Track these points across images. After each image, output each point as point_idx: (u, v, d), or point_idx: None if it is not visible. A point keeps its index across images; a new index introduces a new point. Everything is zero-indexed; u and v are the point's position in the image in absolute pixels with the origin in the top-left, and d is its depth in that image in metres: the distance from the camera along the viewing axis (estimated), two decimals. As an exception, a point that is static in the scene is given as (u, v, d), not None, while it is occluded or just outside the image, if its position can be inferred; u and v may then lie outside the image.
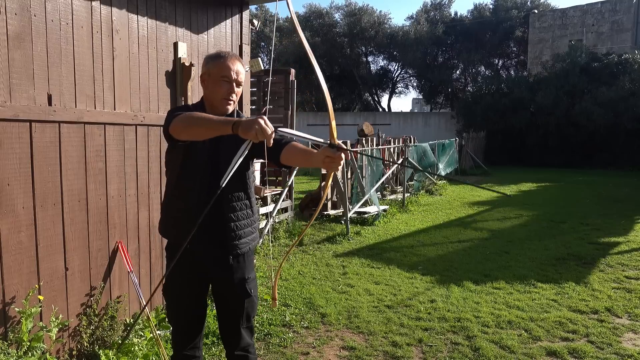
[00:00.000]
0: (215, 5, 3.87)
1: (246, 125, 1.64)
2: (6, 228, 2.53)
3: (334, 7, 35.23)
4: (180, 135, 1.91)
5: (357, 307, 4.24)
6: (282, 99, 8.35)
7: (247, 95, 4.39)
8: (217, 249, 2.11)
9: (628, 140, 18.61)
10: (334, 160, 1.69)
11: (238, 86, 2.11)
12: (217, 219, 2.08)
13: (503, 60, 32.99)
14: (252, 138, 1.65)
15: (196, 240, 2.05)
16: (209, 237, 2.09)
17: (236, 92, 2.10)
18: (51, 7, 2.68)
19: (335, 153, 1.68)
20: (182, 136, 1.92)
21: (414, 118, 28.62)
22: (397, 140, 12.20)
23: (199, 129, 1.83)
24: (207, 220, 2.03)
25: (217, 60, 2.09)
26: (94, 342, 3.00)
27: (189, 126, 1.86)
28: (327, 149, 1.70)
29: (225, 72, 2.07)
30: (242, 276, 2.17)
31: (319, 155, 1.73)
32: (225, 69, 2.07)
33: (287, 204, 7.97)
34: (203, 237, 2.08)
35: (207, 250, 2.11)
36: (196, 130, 1.85)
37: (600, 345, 3.50)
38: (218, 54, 2.12)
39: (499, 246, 6.54)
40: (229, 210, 2.09)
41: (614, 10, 24.49)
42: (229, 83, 2.07)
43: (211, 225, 2.07)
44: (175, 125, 1.91)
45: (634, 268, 5.47)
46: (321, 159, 1.71)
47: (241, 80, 2.12)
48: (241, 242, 2.14)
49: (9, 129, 2.51)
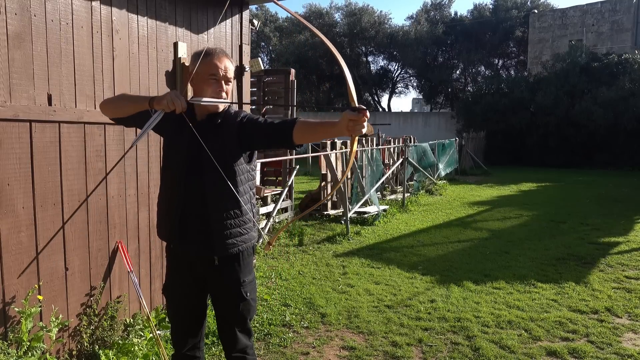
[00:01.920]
0: (215, 5, 3.87)
1: (159, 98, 1.90)
2: (6, 228, 2.53)
3: (334, 7, 35.35)
4: (107, 111, 2.13)
5: (357, 307, 4.24)
6: (282, 99, 8.35)
7: (247, 95, 4.38)
8: (202, 249, 2.06)
9: (628, 140, 18.62)
10: (357, 121, 1.68)
11: (227, 83, 2.06)
12: (200, 219, 2.03)
13: (503, 60, 33.00)
14: (165, 108, 1.88)
15: (183, 241, 2.07)
16: (192, 237, 2.06)
17: (225, 89, 2.05)
18: (51, 7, 2.68)
19: (357, 115, 1.68)
20: (108, 113, 2.13)
21: (414, 118, 28.65)
22: (397, 140, 12.20)
23: (120, 102, 2.07)
24: (191, 220, 2.04)
25: (205, 59, 2.02)
26: (94, 342, 3.00)
27: (112, 103, 2.12)
28: (349, 113, 1.68)
29: (213, 71, 2.02)
30: (237, 279, 2.10)
31: (342, 121, 1.71)
32: (212, 67, 2.02)
33: (287, 204, 7.97)
34: (187, 237, 2.06)
35: (193, 250, 2.08)
36: (119, 103, 2.08)
37: (600, 345, 3.50)
38: (207, 51, 2.05)
39: (499, 246, 6.54)
40: (213, 210, 2.01)
41: (614, 10, 24.49)
42: (217, 81, 2.03)
43: (195, 225, 2.04)
44: (102, 103, 2.15)
45: (634, 268, 5.47)
46: (345, 124, 1.70)
47: (230, 76, 2.07)
48: (228, 243, 2.05)
49: (9, 129, 2.51)
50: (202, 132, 1.97)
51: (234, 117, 2.06)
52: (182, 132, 2.01)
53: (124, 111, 2.06)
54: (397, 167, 11.22)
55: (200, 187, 2.01)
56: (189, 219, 2.06)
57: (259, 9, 32.97)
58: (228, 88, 2.08)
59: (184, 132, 1.99)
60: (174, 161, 2.07)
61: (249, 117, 2.06)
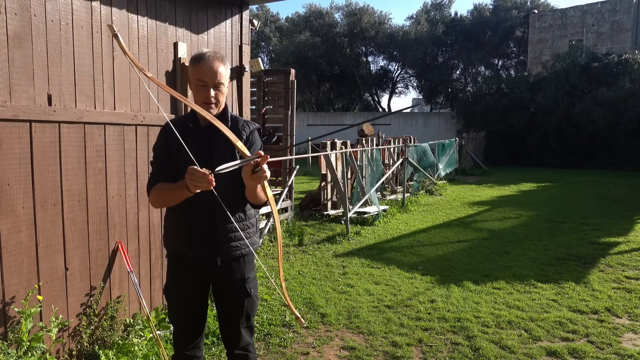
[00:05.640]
0: (215, 5, 3.87)
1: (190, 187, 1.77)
2: (6, 228, 2.53)
3: (334, 7, 35.23)
4: (160, 207, 2.22)
5: (357, 307, 4.24)
6: (282, 99, 8.35)
7: (247, 95, 4.38)
8: (206, 250, 2.10)
9: (628, 140, 18.61)
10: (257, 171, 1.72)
11: (217, 88, 2.04)
12: (207, 223, 2.07)
13: (503, 60, 33.00)
14: (193, 190, 1.78)
15: (189, 245, 2.09)
16: (198, 240, 2.09)
17: (214, 94, 2.03)
18: (51, 7, 2.68)
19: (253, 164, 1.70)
20: (161, 207, 2.22)
21: (414, 118, 28.63)
22: (397, 141, 12.20)
23: (167, 199, 2.05)
24: (199, 226, 2.07)
25: (195, 64, 2.03)
26: (94, 342, 3.00)
27: (160, 202, 2.11)
28: (248, 166, 1.71)
29: (200, 76, 2.01)
30: (241, 276, 2.16)
31: (245, 176, 1.75)
32: (200, 73, 2.01)
33: (287, 204, 7.97)
34: (194, 240, 2.09)
35: (198, 253, 2.11)
36: (167, 201, 2.07)
37: (600, 345, 3.50)
38: (197, 57, 2.05)
39: (499, 246, 6.54)
40: (219, 214, 2.04)
41: (614, 10, 24.49)
42: (206, 87, 2.02)
43: (202, 229, 2.08)
44: (151, 202, 2.16)
45: (634, 268, 5.47)
46: (248, 177, 1.74)
47: (222, 81, 2.04)
48: (231, 246, 2.10)
49: (9, 129, 2.51)
50: (206, 138, 2.01)
51: (242, 128, 2.10)
52: (188, 142, 2.00)
53: (173, 203, 2.06)
54: (397, 167, 11.21)
55: (209, 193, 2.02)
56: (199, 225, 2.08)
57: (259, 9, 32.98)
58: (219, 93, 2.05)
59: (189, 142, 1.99)
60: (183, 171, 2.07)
61: (253, 148, 2.08)
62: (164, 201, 2.09)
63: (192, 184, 1.74)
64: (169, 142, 2.06)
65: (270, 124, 8.69)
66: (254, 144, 2.11)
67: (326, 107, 35.15)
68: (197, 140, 2.05)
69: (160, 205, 2.18)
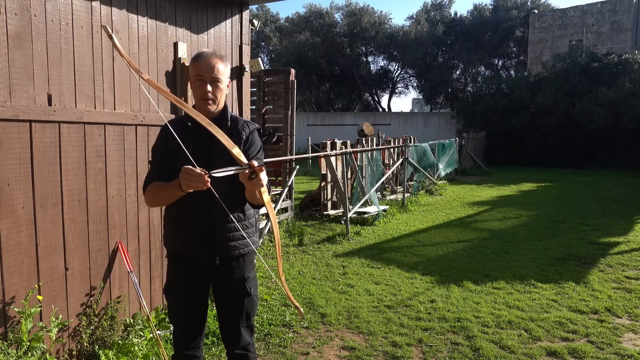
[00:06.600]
0: (215, 5, 3.87)
1: (184, 186, 1.80)
2: (6, 228, 2.53)
3: (334, 7, 35.19)
4: (154, 206, 2.25)
5: (357, 307, 4.24)
6: (282, 99, 8.35)
7: (247, 95, 4.38)
8: (206, 250, 2.11)
9: (628, 140, 18.61)
10: (257, 178, 1.75)
11: (214, 84, 2.06)
12: (206, 223, 2.09)
13: (503, 60, 33.00)
14: (187, 189, 1.81)
15: (188, 245, 2.09)
16: (197, 239, 2.10)
17: (211, 90, 2.05)
18: (51, 7, 2.68)
19: (248, 171, 1.74)
20: (155, 206, 2.23)
21: (414, 118, 28.65)
22: (397, 141, 12.20)
23: (160, 198, 2.08)
24: (198, 225, 2.08)
25: (194, 62, 2.08)
26: (94, 342, 3.00)
27: (154, 200, 2.13)
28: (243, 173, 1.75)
29: (199, 72, 2.05)
30: (241, 275, 2.17)
31: (243, 180, 1.79)
32: (198, 68, 2.05)
33: (287, 204, 7.97)
34: (193, 240, 2.09)
35: (198, 253, 2.11)
36: (160, 200, 2.11)
37: (600, 345, 3.50)
38: (197, 55, 2.10)
39: (499, 246, 6.54)
40: (218, 213, 2.05)
41: (614, 10, 24.50)
42: (204, 82, 2.05)
43: (201, 229, 2.09)
44: (145, 200, 2.19)
45: (634, 268, 5.47)
46: (245, 181, 1.78)
47: (219, 77, 2.06)
48: (230, 246, 2.10)
49: (9, 129, 2.51)
50: (206, 137, 2.00)
51: (241, 128, 2.12)
52: (186, 142, 2.00)
53: (166, 202, 2.12)
54: (397, 167, 11.21)
55: (207, 192, 2.02)
56: (197, 225, 2.09)
57: (259, 9, 32.98)
58: (216, 89, 2.07)
59: (188, 142, 1.99)
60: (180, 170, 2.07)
61: (252, 148, 2.11)
62: (157, 199, 2.12)
63: (186, 184, 1.77)
64: (168, 142, 2.07)
65: (270, 124, 8.69)
66: (253, 144, 2.13)
67: (326, 107, 35.14)
68: (196, 139, 2.06)
69: (154, 204, 2.22)
